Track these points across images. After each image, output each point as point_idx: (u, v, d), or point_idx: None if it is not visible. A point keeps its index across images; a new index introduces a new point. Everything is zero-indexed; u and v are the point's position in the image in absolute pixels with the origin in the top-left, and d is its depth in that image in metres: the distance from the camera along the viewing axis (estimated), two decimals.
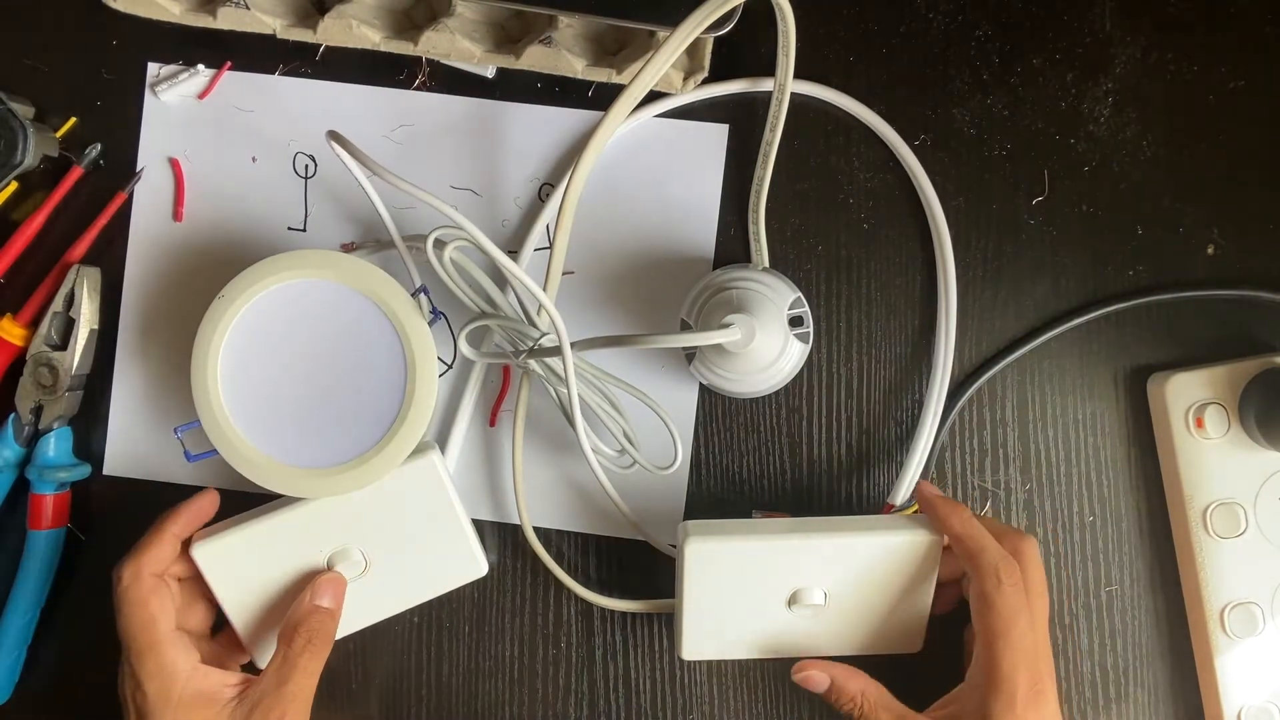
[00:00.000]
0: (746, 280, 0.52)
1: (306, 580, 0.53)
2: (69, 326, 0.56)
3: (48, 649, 0.57)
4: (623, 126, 0.55)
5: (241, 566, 0.53)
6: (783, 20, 0.50)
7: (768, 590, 0.51)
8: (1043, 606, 0.49)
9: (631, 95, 0.47)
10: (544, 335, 0.52)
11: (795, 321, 0.52)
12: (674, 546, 0.55)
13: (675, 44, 0.46)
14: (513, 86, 0.56)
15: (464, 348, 0.54)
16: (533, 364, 0.53)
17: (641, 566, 0.56)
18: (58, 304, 0.55)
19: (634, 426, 0.55)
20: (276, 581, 0.53)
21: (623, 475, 0.55)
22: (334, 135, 0.49)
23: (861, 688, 0.50)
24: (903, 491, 0.54)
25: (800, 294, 0.52)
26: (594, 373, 0.54)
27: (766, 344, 0.50)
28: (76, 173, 0.57)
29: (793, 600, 0.51)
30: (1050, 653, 0.49)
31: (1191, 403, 0.53)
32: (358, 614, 0.55)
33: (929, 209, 0.55)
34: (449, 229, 0.52)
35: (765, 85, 0.55)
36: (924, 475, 0.55)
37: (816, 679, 0.51)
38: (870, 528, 0.51)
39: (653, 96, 0.55)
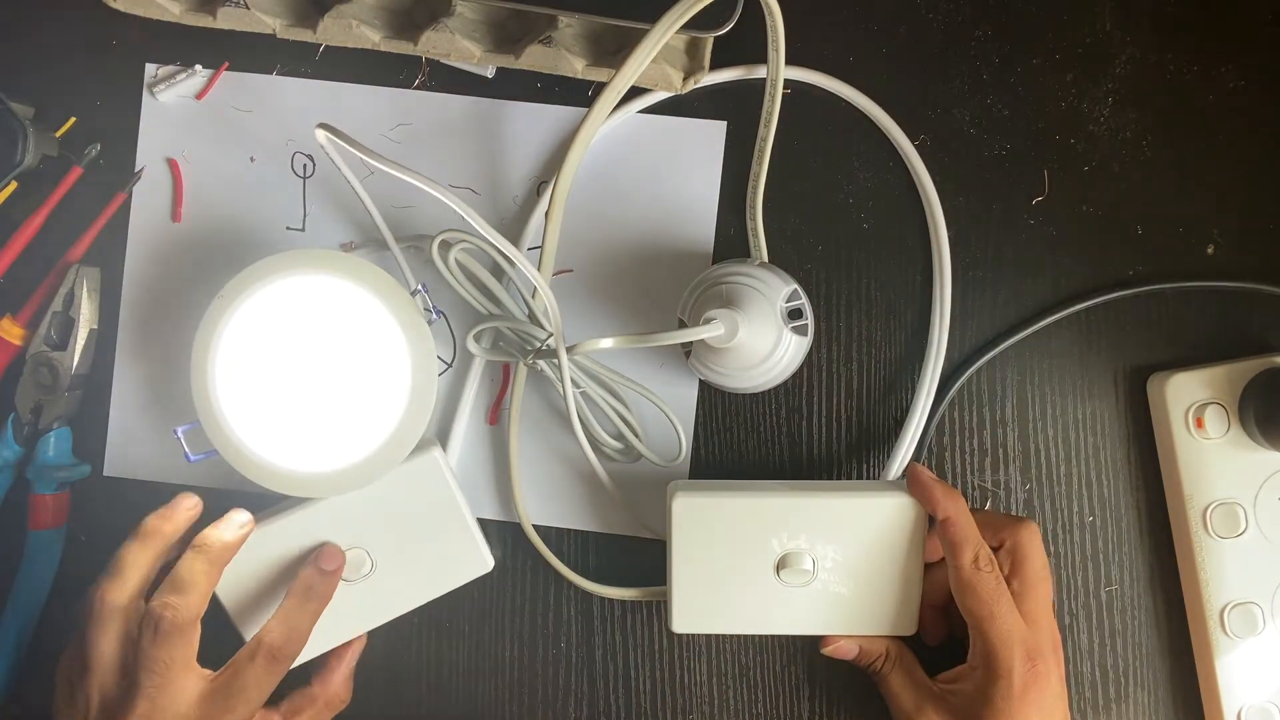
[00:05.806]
0: (738, 275, 0.51)
1: None
2: (69, 326, 0.56)
3: (48, 649, 0.57)
4: (621, 123, 0.55)
5: (244, 567, 0.53)
6: (770, 16, 0.50)
7: (755, 553, 0.51)
8: (1045, 591, 0.49)
9: (615, 89, 0.47)
10: (549, 336, 0.52)
11: (794, 314, 0.51)
12: None
13: (652, 41, 0.47)
14: (512, 86, 0.56)
15: (471, 346, 0.54)
16: (541, 363, 0.53)
17: (642, 563, 0.56)
18: (57, 304, 0.55)
19: (639, 422, 0.55)
20: (279, 583, 0.53)
21: (624, 474, 0.55)
22: (325, 127, 0.48)
23: (887, 646, 0.53)
24: (894, 471, 0.54)
25: (798, 286, 0.52)
26: (599, 368, 0.55)
27: (756, 339, 0.50)
28: (76, 173, 0.57)
29: (781, 565, 0.51)
30: (1055, 636, 0.49)
31: (1191, 403, 0.53)
32: (368, 615, 0.55)
33: (925, 197, 0.55)
34: (454, 231, 0.52)
35: (760, 72, 0.55)
36: (917, 463, 0.55)
37: (846, 648, 0.53)
38: (857, 489, 0.52)
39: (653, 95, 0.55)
